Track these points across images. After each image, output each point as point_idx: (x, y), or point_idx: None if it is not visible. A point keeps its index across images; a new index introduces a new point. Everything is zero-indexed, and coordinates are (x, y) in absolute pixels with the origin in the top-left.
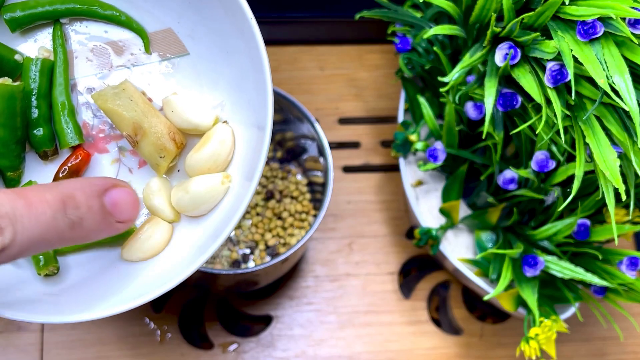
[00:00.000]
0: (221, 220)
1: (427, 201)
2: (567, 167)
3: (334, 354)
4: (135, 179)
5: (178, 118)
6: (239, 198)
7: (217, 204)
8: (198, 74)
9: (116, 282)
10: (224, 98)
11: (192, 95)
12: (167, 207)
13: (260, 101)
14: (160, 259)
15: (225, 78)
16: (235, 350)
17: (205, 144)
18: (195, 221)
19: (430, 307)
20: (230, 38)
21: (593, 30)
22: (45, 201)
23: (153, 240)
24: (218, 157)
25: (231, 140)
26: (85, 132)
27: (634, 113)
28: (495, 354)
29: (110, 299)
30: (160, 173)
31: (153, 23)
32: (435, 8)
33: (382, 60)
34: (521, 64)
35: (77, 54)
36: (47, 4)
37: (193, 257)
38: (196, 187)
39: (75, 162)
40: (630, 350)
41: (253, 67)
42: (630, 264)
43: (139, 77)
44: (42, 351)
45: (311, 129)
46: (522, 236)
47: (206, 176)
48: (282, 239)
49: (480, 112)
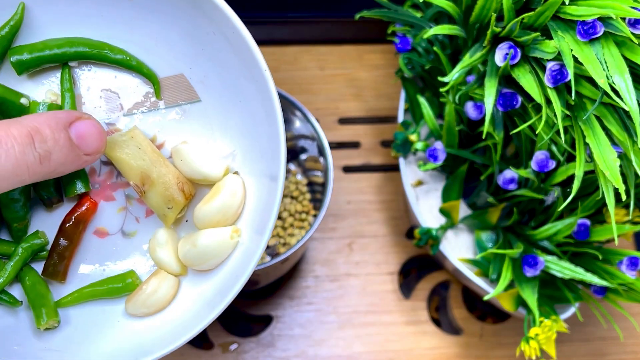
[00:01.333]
0: (230, 276)
1: (427, 201)
2: (567, 167)
3: (334, 353)
4: (142, 229)
5: (187, 168)
6: (249, 253)
7: (226, 259)
8: (209, 122)
9: (119, 338)
10: (235, 147)
11: (203, 143)
12: (173, 260)
13: (273, 150)
14: (166, 315)
15: (236, 127)
16: (235, 350)
17: (215, 195)
18: (203, 276)
19: (430, 307)
20: (242, 86)
21: (593, 30)
22: (12, 136)
23: (159, 294)
24: (228, 209)
25: (242, 192)
26: (92, 179)
27: (634, 113)
28: (495, 354)
29: (112, 357)
30: (168, 224)
31: (165, 68)
32: (435, 8)
33: (382, 60)
34: (521, 63)
35: (85, 99)
36: (55, 47)
37: (201, 314)
38: (204, 241)
39: (81, 210)
40: (630, 350)
41: (266, 116)
42: (630, 264)
43: (148, 124)
44: None
45: (311, 129)
46: (522, 236)
47: (215, 230)
48: (282, 239)
49: (480, 112)
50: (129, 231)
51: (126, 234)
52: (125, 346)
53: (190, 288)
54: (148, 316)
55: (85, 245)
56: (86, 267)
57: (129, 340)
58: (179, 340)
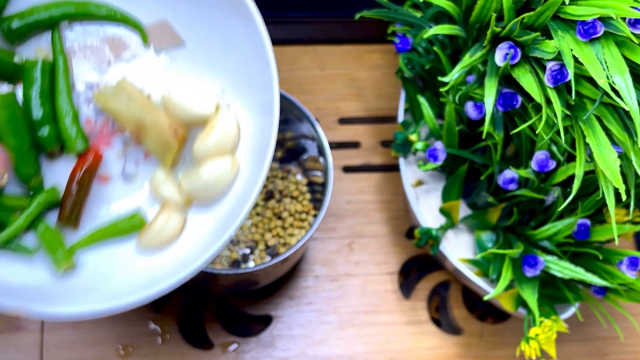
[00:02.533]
0: (234, 206)
1: (427, 201)
2: (567, 167)
3: (334, 354)
4: (142, 169)
5: (179, 111)
6: (251, 182)
7: (228, 189)
8: (196, 63)
9: (134, 274)
10: (224, 83)
11: (192, 85)
12: (176, 194)
13: (264, 80)
14: (176, 248)
15: (225, 64)
16: (235, 351)
17: (210, 132)
18: (208, 208)
19: (430, 307)
20: (227, 21)
21: (593, 30)
22: None
23: (167, 229)
24: (224, 143)
25: (235, 125)
26: (89, 128)
27: (634, 113)
28: (496, 354)
29: (128, 290)
30: (166, 165)
31: (148, 16)
32: (435, 8)
33: (382, 60)
34: (521, 63)
35: (75, 54)
36: (43, 10)
37: (208, 244)
38: (205, 173)
39: (89, 162)
40: (630, 350)
41: (253, 48)
42: (630, 264)
43: (137, 72)
44: (42, 351)
45: (311, 129)
46: (522, 236)
47: (214, 162)
48: (282, 239)
49: (480, 112)
50: (130, 173)
51: (127, 176)
52: (141, 281)
53: (197, 221)
54: (159, 250)
55: (91, 191)
56: (94, 212)
57: (143, 274)
58: (191, 266)
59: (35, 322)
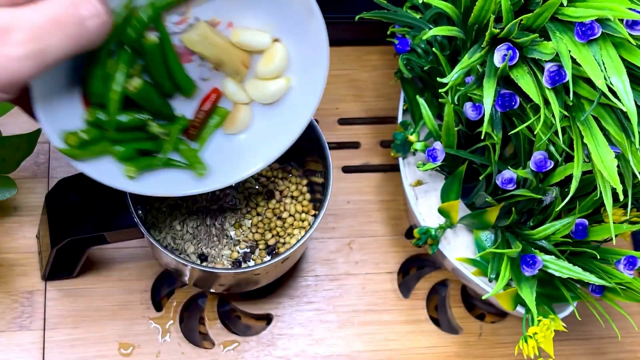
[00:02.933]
0: (297, 109)
1: (427, 201)
2: (565, 167)
3: (333, 352)
4: (214, 76)
5: (244, 41)
6: (310, 90)
7: (280, 96)
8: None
9: (233, 152)
10: (279, 23)
11: (252, 21)
12: (244, 96)
13: (308, 16)
14: (251, 132)
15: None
16: (235, 349)
17: (268, 59)
18: (268, 107)
19: (429, 306)
20: None
21: (591, 32)
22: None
23: (241, 116)
24: (279, 65)
25: (285, 54)
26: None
27: (632, 114)
28: (494, 353)
29: (239, 170)
30: (237, 81)
31: None
32: (434, 9)
33: (381, 61)
34: (519, 64)
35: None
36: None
37: (279, 134)
38: (268, 85)
39: (214, 99)
40: (628, 349)
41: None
42: (627, 264)
43: (208, 10)
44: (43, 350)
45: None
46: (521, 236)
47: (270, 78)
48: (282, 238)
49: (479, 112)
50: (205, 77)
51: (204, 80)
52: (242, 157)
53: (262, 118)
54: (239, 133)
55: None
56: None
57: (238, 152)
58: (273, 147)
59: (38, 321)
